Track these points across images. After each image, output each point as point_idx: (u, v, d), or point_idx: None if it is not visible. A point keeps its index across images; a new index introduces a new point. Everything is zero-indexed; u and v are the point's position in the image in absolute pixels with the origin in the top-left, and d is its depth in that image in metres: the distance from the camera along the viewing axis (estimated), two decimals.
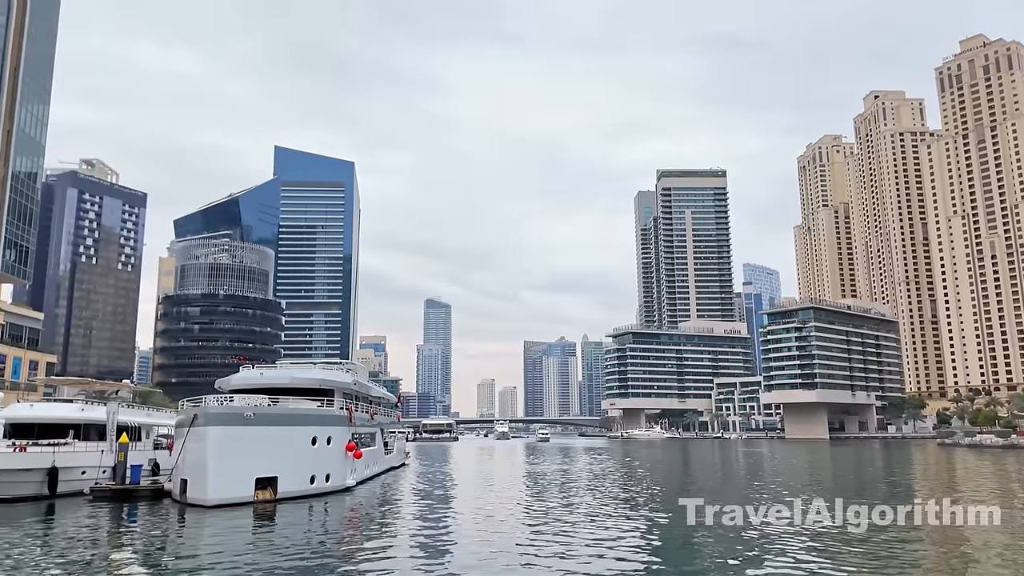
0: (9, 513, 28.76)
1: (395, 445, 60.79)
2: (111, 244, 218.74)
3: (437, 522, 27.64)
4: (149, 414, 48.64)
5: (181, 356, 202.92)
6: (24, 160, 72.86)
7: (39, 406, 41.60)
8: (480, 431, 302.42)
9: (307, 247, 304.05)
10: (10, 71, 69.77)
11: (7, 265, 70.47)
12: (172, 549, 22.13)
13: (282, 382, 39.17)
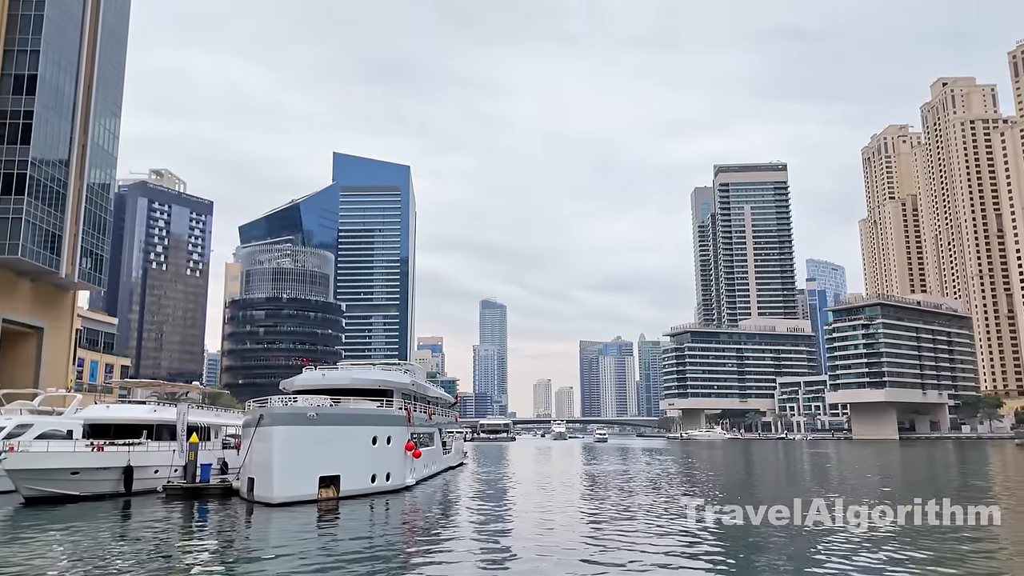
0: (89, 510, 30.17)
1: (453, 445, 61.35)
2: (180, 251, 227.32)
3: (496, 521, 27.79)
4: (217, 415, 50.29)
5: (247, 358, 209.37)
6: (98, 172, 76.31)
7: (115, 407, 43.51)
8: (537, 431, 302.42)
9: (365, 250, 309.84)
10: (84, 88, 73.16)
11: (83, 273, 73.90)
12: (241, 545, 22.85)
13: (343, 383, 39.97)
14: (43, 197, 66.43)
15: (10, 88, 65.00)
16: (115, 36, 79.41)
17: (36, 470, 32.18)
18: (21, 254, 63.41)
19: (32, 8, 66.28)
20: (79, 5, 72.51)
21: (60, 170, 69.44)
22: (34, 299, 70.74)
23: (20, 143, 64.33)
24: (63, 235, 69.66)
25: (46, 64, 66.57)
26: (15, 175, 63.79)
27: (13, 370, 68.75)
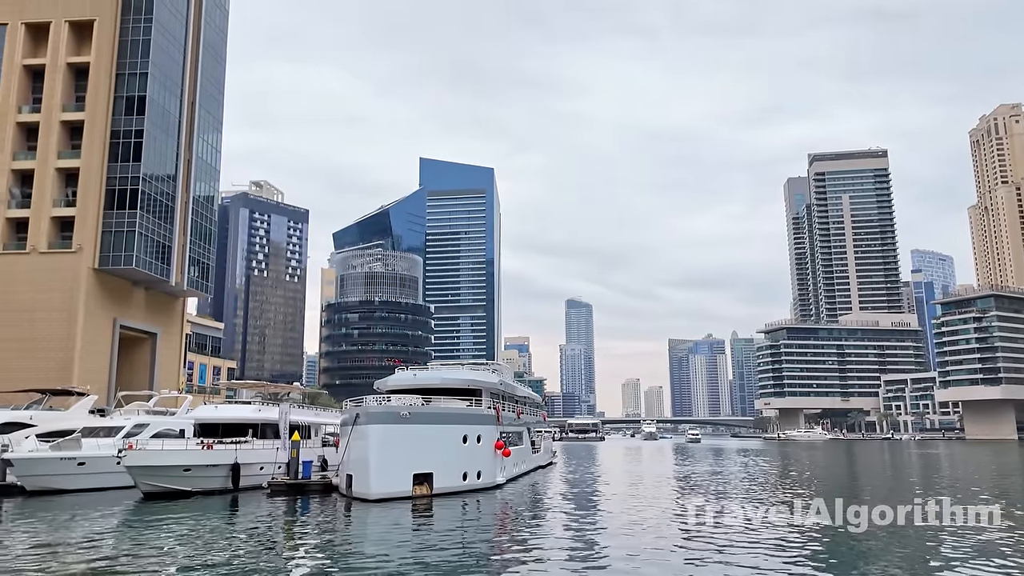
0: (201, 504, 31.97)
1: (542, 444, 61.47)
2: (279, 258, 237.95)
3: (586, 519, 27.64)
4: (317, 414, 52.26)
5: (343, 359, 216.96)
6: (202, 185, 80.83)
7: (222, 408, 45.94)
8: (626, 431, 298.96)
9: (452, 253, 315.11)
10: (188, 106, 77.63)
11: (191, 281, 78.38)
12: (342, 539, 23.68)
13: (433, 382, 40.72)
14: (154, 210, 70.93)
15: (122, 110, 69.73)
16: (215, 55, 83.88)
17: (152, 467, 34.34)
18: (136, 265, 67.91)
19: (140, 34, 70.88)
20: (181, 28, 77.02)
21: (168, 184, 73.95)
22: (148, 307, 75.61)
23: (132, 160, 68.93)
24: (172, 246, 74.16)
25: (154, 86, 71.04)
26: (128, 190, 68.39)
27: (131, 373, 73.73)
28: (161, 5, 72.50)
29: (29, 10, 69.32)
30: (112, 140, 68.95)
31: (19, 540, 23.11)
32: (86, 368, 63.99)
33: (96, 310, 66.98)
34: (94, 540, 22.91)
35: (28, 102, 69.28)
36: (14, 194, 67.60)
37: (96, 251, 66.83)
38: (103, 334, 68.24)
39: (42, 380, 56.85)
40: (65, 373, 61.53)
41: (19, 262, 65.59)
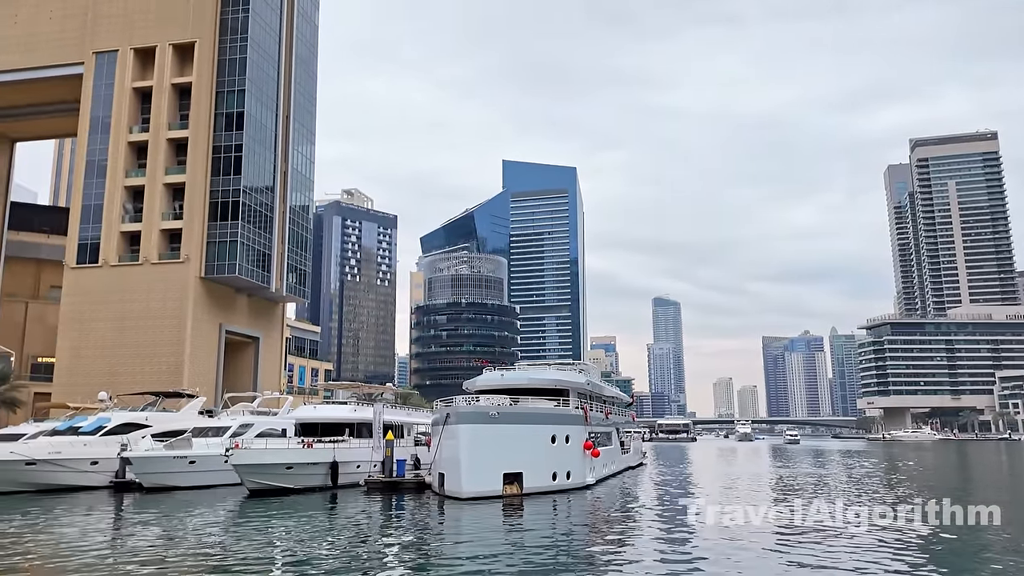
0: (302, 501, 33.35)
1: (632, 445, 60.72)
2: (370, 263, 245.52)
3: (679, 520, 27.12)
4: (409, 413, 53.51)
5: (432, 360, 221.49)
6: (298, 195, 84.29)
7: (321, 408, 47.69)
8: (719, 432, 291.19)
9: (536, 253, 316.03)
10: (283, 119, 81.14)
11: (289, 287, 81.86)
12: (437, 536, 24.20)
13: (521, 383, 40.91)
14: (254, 221, 74.51)
15: (223, 126, 73.62)
16: (307, 69, 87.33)
17: (257, 465, 36.06)
18: (238, 273, 71.54)
19: (237, 52, 74.64)
20: (275, 45, 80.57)
21: (267, 195, 77.51)
22: (250, 312, 79.48)
23: (233, 174, 72.65)
24: (272, 254, 77.68)
25: (251, 101, 74.65)
26: (230, 202, 72.14)
27: (236, 376, 77.70)
28: (256, 24, 76.09)
29: (137, 36, 74.18)
30: (214, 155, 72.91)
31: (140, 532, 24.81)
32: (195, 371, 67.88)
33: (203, 316, 70.94)
34: (206, 534, 24.31)
35: (138, 122, 74.14)
36: (127, 209, 72.49)
37: (202, 261, 70.80)
38: (210, 339, 72.19)
39: (156, 383, 60.77)
40: (176, 376, 65.49)
41: (133, 273, 70.27)
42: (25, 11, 77.79)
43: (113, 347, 67.95)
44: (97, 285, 70.22)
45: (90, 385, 61.83)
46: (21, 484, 37.35)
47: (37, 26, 77.09)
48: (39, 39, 76.67)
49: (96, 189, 72.57)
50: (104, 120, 73.40)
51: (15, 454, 37.74)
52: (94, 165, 73.12)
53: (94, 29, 74.79)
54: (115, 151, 72.48)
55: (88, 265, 70.95)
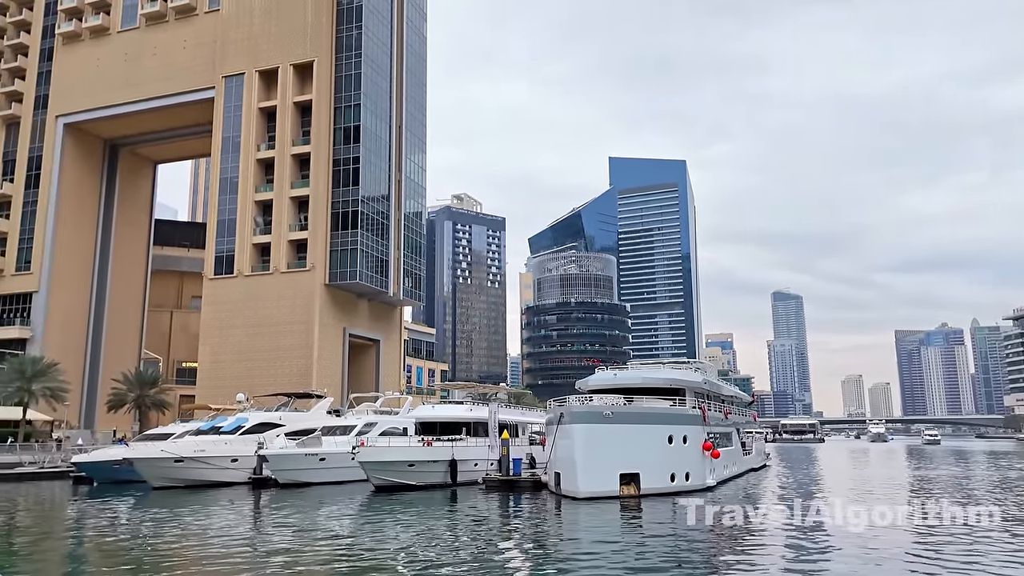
0: (424, 497, 34.50)
1: (753, 446, 58.63)
2: (480, 265, 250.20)
3: (807, 523, 25.99)
4: (523, 413, 54.13)
5: (544, 360, 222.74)
6: (411, 202, 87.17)
7: (438, 408, 49.13)
8: (849, 432, 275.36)
9: (645, 250, 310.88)
10: (396, 130, 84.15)
11: (406, 291, 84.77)
12: (556, 534, 24.43)
13: (634, 382, 40.48)
14: (372, 229, 77.73)
15: (341, 140, 77.27)
16: (417, 80, 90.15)
17: (381, 462, 37.65)
18: (359, 279, 74.86)
19: (352, 68, 78.11)
20: (387, 58, 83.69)
21: (383, 204, 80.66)
22: (371, 316, 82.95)
23: (352, 185, 76.10)
24: (389, 260, 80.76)
25: (366, 115, 77.92)
26: (350, 212, 75.61)
27: (359, 377, 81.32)
28: (369, 40, 79.34)
29: (261, 59, 79.13)
30: (334, 168, 76.66)
31: (278, 525, 26.51)
32: (322, 373, 71.60)
33: (329, 321, 74.73)
34: (338, 527, 25.66)
35: (264, 140, 79.06)
36: (258, 222, 77.46)
37: (326, 268, 74.60)
38: (335, 342, 75.95)
39: (287, 385, 64.57)
40: (306, 378, 69.32)
41: (265, 282, 75.01)
42: (162, 43, 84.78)
43: (248, 352, 72.80)
44: (233, 294, 75.46)
45: (229, 387, 66.57)
46: (171, 480, 40.74)
47: (173, 56, 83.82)
48: (175, 68, 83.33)
49: (229, 205, 78.02)
50: (234, 140, 78.78)
51: (165, 452, 41.22)
52: (227, 182, 78.63)
53: (223, 55, 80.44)
54: (245, 168, 77.60)
55: (224, 276, 76.38)
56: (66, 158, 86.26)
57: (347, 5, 79.34)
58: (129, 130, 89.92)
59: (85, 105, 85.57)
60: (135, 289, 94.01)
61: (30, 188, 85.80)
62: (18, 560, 19.99)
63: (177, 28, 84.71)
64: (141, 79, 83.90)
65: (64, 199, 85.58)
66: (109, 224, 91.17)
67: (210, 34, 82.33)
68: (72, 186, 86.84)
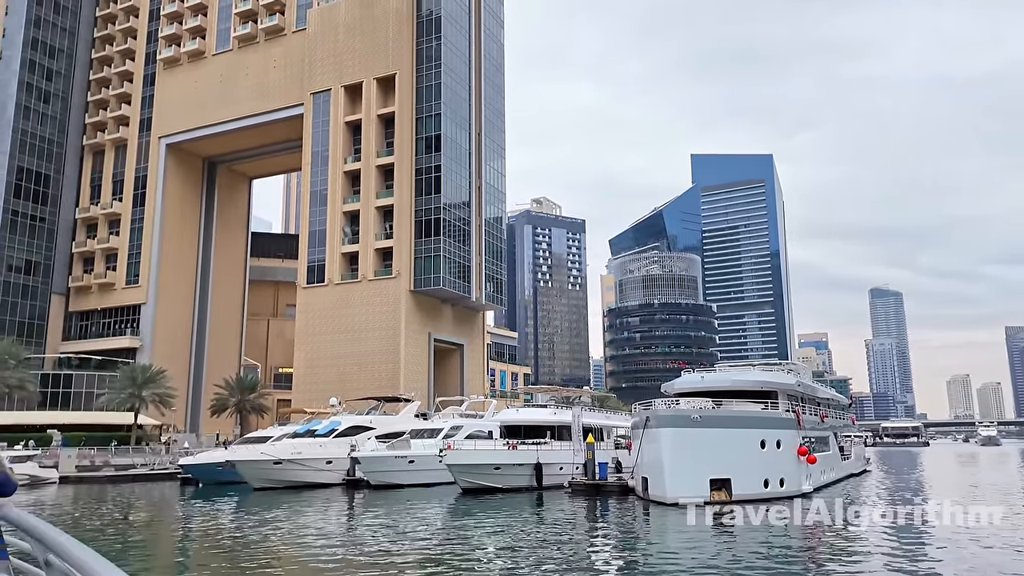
0: (511, 501, 34.76)
1: (852, 450, 56.17)
2: (561, 268, 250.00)
3: (913, 534, 24.71)
4: (607, 416, 53.81)
5: (627, 363, 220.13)
6: (491, 208, 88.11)
7: (523, 411, 49.45)
8: (956, 435, 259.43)
9: (731, 249, 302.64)
10: (475, 137, 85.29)
11: (488, 296, 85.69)
12: (645, 540, 24.16)
13: (723, 385, 39.52)
14: (454, 235, 79.03)
15: (423, 149, 78.96)
16: (494, 87, 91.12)
17: (468, 465, 38.19)
18: (443, 285, 76.25)
19: (432, 79, 79.73)
20: (465, 67, 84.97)
21: (464, 211, 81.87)
22: (454, 321, 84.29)
23: (434, 193, 77.61)
24: (471, 265, 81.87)
25: (447, 124, 79.33)
26: (433, 220, 77.12)
27: (444, 381, 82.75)
28: (448, 50, 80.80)
29: (346, 74, 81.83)
30: (416, 177, 78.40)
31: (372, 525, 27.31)
32: (409, 377, 73.26)
33: (414, 327, 76.43)
34: (429, 528, 26.21)
35: (351, 153, 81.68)
36: (346, 232, 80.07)
37: (411, 275, 76.35)
38: (421, 347, 77.59)
39: (376, 388, 66.42)
40: (393, 382, 71.10)
41: (354, 289, 77.44)
42: (254, 63, 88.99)
43: (340, 357, 75.32)
44: (324, 302, 78.28)
45: (322, 391, 69.08)
46: (270, 481, 42.61)
47: (264, 75, 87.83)
48: (266, 87, 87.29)
49: (319, 216, 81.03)
50: (323, 153, 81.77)
51: (264, 455, 43.18)
52: (317, 195, 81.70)
53: (310, 72, 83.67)
54: (333, 180, 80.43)
55: (316, 285, 79.32)
56: (169, 177, 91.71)
57: (426, 18, 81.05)
58: (226, 148, 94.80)
59: (185, 125, 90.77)
60: (234, 299, 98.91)
61: (137, 206, 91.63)
62: (132, 558, 21.41)
63: (267, 48, 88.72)
64: (235, 99, 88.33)
65: (168, 215, 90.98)
66: (209, 238, 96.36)
67: (298, 53, 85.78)
68: (175, 203, 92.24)
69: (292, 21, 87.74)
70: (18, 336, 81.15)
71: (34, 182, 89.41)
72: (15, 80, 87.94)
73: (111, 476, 50.88)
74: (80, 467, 51.85)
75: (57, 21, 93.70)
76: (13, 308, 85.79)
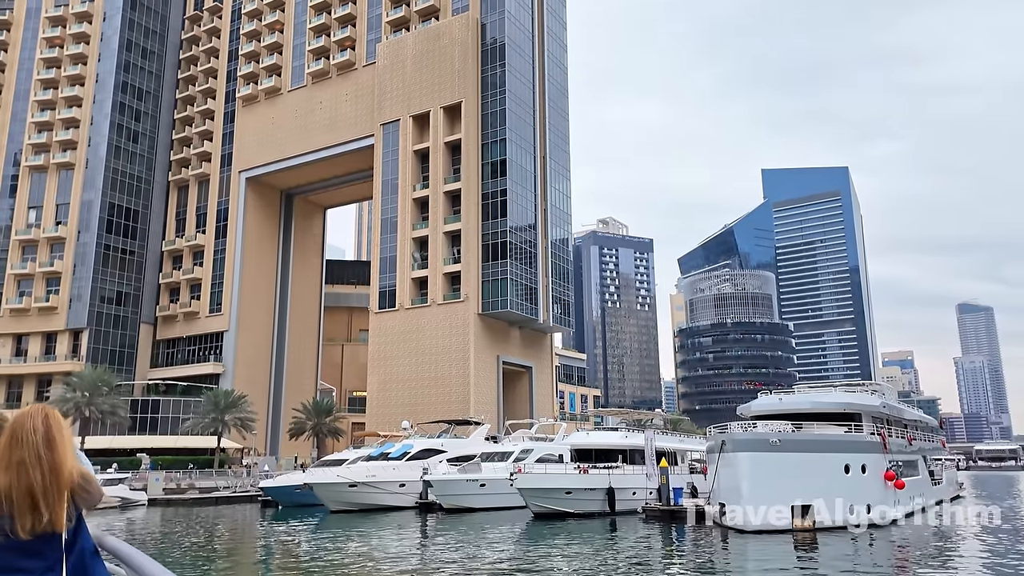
0: (584, 526, 34.30)
1: (944, 475, 53.13)
2: (629, 288, 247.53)
3: (1013, 562, 23.10)
4: (681, 440, 52.61)
5: (700, 384, 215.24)
6: (557, 230, 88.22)
7: (593, 434, 48.97)
8: None
9: (807, 265, 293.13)
10: (540, 160, 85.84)
11: (555, 318, 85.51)
12: (723, 570, 23.39)
13: (803, 407, 38.17)
14: (520, 258, 79.42)
15: (489, 174, 79.91)
16: (559, 110, 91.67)
17: (539, 489, 37.94)
18: (511, 308, 76.57)
19: (497, 105, 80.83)
20: (530, 92, 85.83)
21: (530, 233, 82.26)
22: (522, 343, 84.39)
23: (500, 216, 78.31)
24: (537, 287, 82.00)
25: (512, 149, 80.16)
26: (499, 243, 77.75)
27: (513, 403, 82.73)
28: (512, 77, 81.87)
29: (414, 104, 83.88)
30: (483, 202, 79.35)
31: (447, 549, 27.40)
32: (479, 400, 73.60)
33: (483, 350, 76.90)
34: (500, 551, 26.10)
35: (419, 180, 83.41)
36: (415, 258, 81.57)
37: (479, 299, 77.00)
38: (490, 370, 77.93)
39: (447, 411, 66.97)
40: (464, 405, 71.54)
41: (424, 314, 78.63)
42: (327, 98, 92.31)
43: (411, 380, 76.42)
44: (396, 327, 79.74)
45: (395, 414, 70.15)
46: (346, 503, 43.37)
47: (336, 109, 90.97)
48: (338, 119, 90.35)
49: (390, 242, 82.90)
50: (392, 182, 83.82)
51: (340, 477, 44.03)
52: (387, 222, 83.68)
53: (380, 104, 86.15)
54: (403, 207, 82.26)
55: (387, 310, 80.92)
56: (249, 209, 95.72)
57: (490, 46, 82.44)
58: (301, 179, 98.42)
59: (263, 159, 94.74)
60: (311, 324, 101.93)
61: (219, 238, 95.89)
62: None
63: (339, 83, 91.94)
64: (310, 132, 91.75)
65: (248, 246, 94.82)
66: (287, 266, 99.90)
67: (368, 86, 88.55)
68: (254, 233, 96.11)
69: (362, 56, 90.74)
70: (110, 364, 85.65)
71: (124, 217, 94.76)
72: (107, 122, 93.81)
73: (196, 498, 52.85)
74: (167, 490, 54.08)
75: (145, 65, 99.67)
76: (106, 337, 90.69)
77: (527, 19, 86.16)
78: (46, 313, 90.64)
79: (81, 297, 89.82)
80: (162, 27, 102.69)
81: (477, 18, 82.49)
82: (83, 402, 65.71)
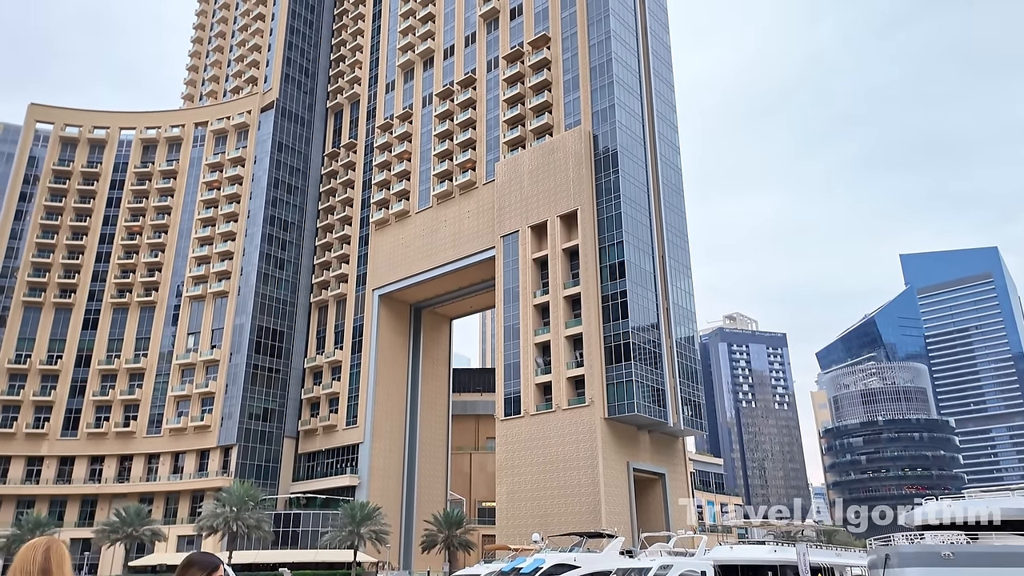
0: None
1: None
2: (764, 386, 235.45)
3: None
4: (838, 554, 47.90)
5: (854, 489, 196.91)
6: (682, 328, 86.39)
7: (738, 548, 45.59)
8: None
9: (964, 354, 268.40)
10: (659, 259, 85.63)
11: (686, 420, 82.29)
12: None
13: (979, 514, 34.01)
14: (645, 359, 77.97)
15: (608, 277, 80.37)
16: (674, 209, 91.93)
17: None
18: (638, 411, 74.59)
19: (612, 210, 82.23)
20: (644, 194, 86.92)
21: (653, 333, 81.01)
22: (653, 449, 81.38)
23: (621, 318, 77.89)
24: (665, 389, 79.71)
25: (629, 251, 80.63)
26: (622, 345, 76.93)
27: (646, 514, 78.94)
28: (626, 182, 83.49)
29: (532, 215, 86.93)
30: (603, 304, 79.49)
31: None
32: (610, 510, 70.86)
33: (612, 456, 74.75)
34: None
35: (539, 287, 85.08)
36: (539, 363, 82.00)
37: (604, 403, 75.70)
38: (620, 478, 75.31)
39: (577, 523, 64.84)
40: (594, 516, 69.06)
41: (549, 420, 78.03)
42: (451, 216, 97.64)
43: (539, 490, 75.04)
44: (521, 434, 79.42)
45: (525, 525, 68.68)
46: None
47: (460, 225, 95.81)
48: (462, 235, 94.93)
49: (513, 349, 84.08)
50: (514, 290, 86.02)
51: None
52: (510, 329, 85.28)
53: (500, 218, 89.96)
54: (524, 314, 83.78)
55: (513, 417, 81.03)
56: (381, 324, 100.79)
57: (603, 155, 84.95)
58: (428, 293, 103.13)
59: (394, 277, 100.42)
60: (440, 434, 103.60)
61: (355, 352, 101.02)
62: None
63: (462, 202, 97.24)
64: (435, 249, 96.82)
65: (381, 359, 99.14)
66: (416, 377, 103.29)
67: (488, 202, 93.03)
68: (386, 347, 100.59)
69: (482, 175, 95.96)
70: (256, 478, 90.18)
71: (271, 338, 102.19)
72: (257, 252, 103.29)
73: None
74: None
75: (289, 199, 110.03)
76: (253, 453, 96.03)
77: (637, 127, 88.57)
78: (201, 431, 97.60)
79: (232, 415, 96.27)
80: (304, 164, 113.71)
81: (589, 130, 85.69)
82: (232, 517, 68.99)
